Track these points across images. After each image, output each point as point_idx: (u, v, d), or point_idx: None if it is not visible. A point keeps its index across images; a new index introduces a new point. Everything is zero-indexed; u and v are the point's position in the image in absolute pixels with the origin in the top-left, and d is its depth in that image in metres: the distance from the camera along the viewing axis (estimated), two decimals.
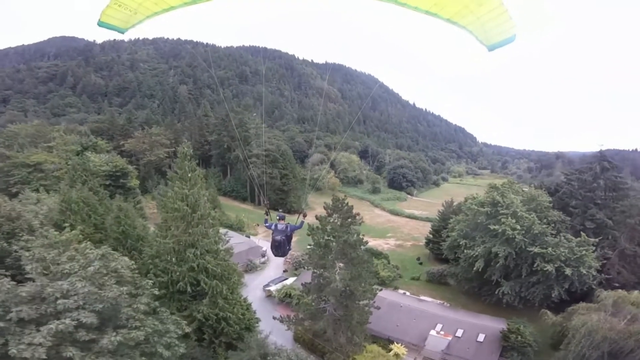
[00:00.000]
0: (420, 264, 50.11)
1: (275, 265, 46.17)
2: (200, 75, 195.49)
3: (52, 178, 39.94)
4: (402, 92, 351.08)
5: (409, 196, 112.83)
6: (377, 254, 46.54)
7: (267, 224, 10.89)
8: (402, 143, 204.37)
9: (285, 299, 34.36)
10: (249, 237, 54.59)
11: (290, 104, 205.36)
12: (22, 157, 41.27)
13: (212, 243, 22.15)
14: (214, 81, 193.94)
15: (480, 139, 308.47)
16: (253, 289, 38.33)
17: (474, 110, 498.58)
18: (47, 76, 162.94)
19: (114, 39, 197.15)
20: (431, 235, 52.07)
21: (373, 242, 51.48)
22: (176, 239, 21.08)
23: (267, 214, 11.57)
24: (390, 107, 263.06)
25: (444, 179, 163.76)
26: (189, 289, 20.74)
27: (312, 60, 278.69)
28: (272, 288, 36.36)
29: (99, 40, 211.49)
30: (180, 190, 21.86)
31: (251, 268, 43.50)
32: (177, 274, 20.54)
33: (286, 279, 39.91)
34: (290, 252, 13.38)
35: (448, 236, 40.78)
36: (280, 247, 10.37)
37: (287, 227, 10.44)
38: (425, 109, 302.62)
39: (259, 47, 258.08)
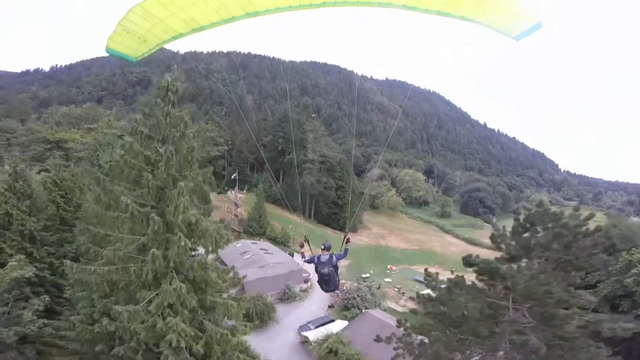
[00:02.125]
0: None
1: (320, 296, 35.29)
2: (265, 85, 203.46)
3: (74, 158, 35.47)
4: (470, 111, 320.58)
5: (486, 224, 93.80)
6: None
7: (306, 259, 8.65)
8: (472, 165, 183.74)
9: (327, 356, 23.04)
10: (292, 255, 44.77)
11: (348, 118, 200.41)
12: (45, 132, 37.87)
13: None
14: (277, 92, 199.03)
15: (563, 166, 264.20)
16: (286, 329, 27.92)
17: (554, 134, 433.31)
18: (136, 80, 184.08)
19: (194, 51, 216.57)
20: None
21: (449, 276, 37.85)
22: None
23: (303, 246, 8.63)
24: (458, 126, 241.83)
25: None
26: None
27: (371, 77, 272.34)
28: (311, 334, 25.34)
29: (182, 52, 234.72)
30: (134, 144, 11.15)
31: (288, 297, 33.20)
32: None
33: (332, 320, 28.62)
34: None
35: (599, 282, 25.75)
36: (330, 281, 8.35)
37: (331, 257, 8.36)
38: (498, 130, 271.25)
39: (319, 62, 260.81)
